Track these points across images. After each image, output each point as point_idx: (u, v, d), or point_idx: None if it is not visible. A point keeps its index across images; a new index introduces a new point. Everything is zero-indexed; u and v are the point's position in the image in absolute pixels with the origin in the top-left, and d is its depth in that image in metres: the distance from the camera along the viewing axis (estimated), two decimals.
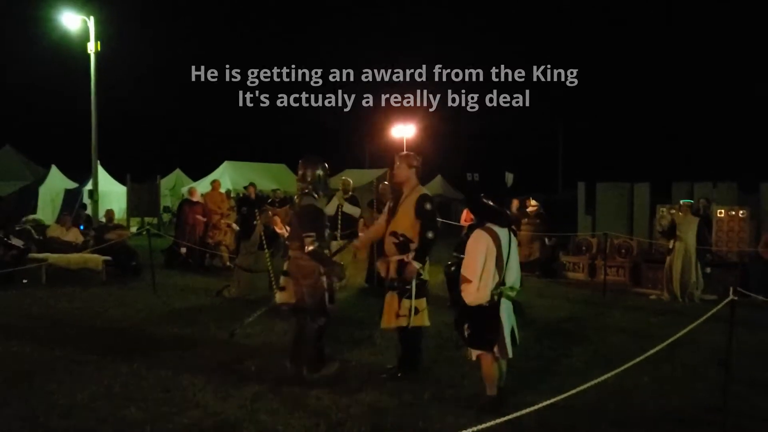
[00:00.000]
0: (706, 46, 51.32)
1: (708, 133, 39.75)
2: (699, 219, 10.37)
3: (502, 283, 4.75)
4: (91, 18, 18.62)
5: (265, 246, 9.40)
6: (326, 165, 5.79)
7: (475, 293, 4.71)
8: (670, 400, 5.19)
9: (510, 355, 4.80)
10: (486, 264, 4.70)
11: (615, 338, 7.22)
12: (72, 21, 18.65)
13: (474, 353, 4.87)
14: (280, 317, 7.40)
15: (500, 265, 4.73)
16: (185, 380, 5.39)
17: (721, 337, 5.37)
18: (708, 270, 10.35)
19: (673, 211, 11.24)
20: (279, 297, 5.74)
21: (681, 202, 10.70)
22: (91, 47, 18.56)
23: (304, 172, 5.65)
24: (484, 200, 4.93)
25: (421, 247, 5.37)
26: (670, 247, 10.27)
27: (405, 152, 5.83)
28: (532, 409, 4.10)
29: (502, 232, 4.80)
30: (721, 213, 11.80)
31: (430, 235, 5.36)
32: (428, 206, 5.42)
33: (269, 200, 15.29)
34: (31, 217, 13.63)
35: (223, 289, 9.53)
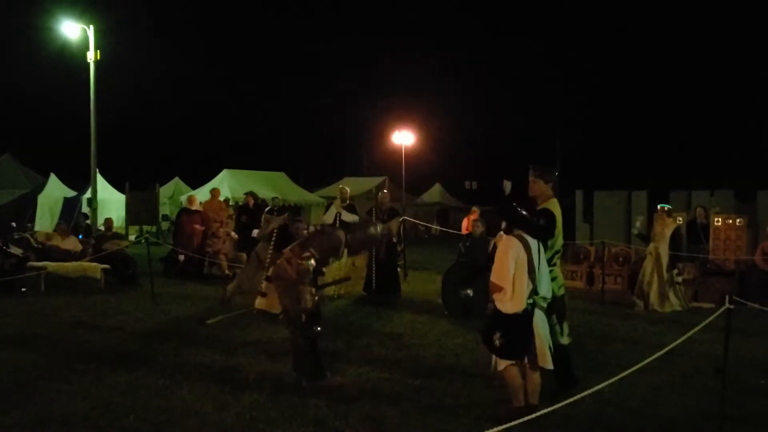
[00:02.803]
0: (704, 55, 51.57)
1: (705, 141, 39.89)
2: (675, 226, 10.33)
3: (535, 291, 4.69)
4: (91, 27, 18.69)
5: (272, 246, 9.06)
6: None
7: (509, 301, 4.65)
8: (667, 407, 5.21)
9: (549, 366, 4.70)
10: (518, 271, 4.64)
11: (613, 346, 7.24)
12: (72, 30, 18.72)
13: (503, 363, 4.75)
14: (279, 325, 7.42)
15: (532, 273, 4.68)
16: (184, 389, 5.40)
17: (718, 345, 5.41)
18: (680, 279, 10.16)
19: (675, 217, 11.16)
20: (258, 302, 5.68)
21: (658, 206, 10.60)
22: (91, 56, 18.62)
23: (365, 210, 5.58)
24: (518, 209, 4.86)
25: None
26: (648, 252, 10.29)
27: (538, 165, 5.67)
28: (530, 417, 4.13)
29: (533, 241, 4.77)
30: (718, 221, 11.82)
31: None
32: (541, 222, 5.22)
33: (268, 208, 15.32)
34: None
35: (225, 294, 9.39)
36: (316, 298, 5.49)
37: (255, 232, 9.67)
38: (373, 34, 69.12)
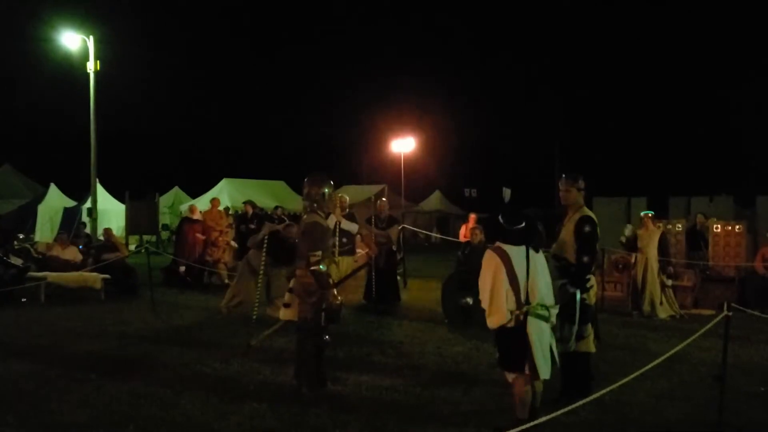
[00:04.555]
0: (704, 60, 51.79)
1: (705, 147, 39.98)
2: (661, 231, 10.34)
3: (526, 302, 4.56)
4: (91, 37, 18.82)
5: (264, 252, 8.97)
6: (331, 182, 5.69)
7: (489, 316, 4.62)
8: (666, 415, 5.20)
9: (544, 376, 4.58)
10: (495, 285, 4.56)
11: (612, 354, 7.23)
12: (72, 40, 18.84)
13: (509, 376, 4.70)
14: (278, 335, 7.42)
15: (515, 284, 4.54)
16: (184, 399, 5.40)
17: (717, 352, 5.41)
18: (670, 283, 10.20)
19: (662, 224, 11.19)
20: (283, 314, 5.73)
21: (641, 213, 10.59)
22: (91, 66, 18.73)
23: (309, 191, 5.56)
24: (498, 220, 4.76)
25: (576, 271, 5.11)
26: (632, 261, 10.31)
27: (571, 173, 5.61)
28: (530, 424, 4.14)
29: (515, 250, 4.62)
30: (717, 227, 11.85)
31: (585, 259, 5.15)
32: (587, 228, 5.20)
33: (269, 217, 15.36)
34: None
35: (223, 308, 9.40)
36: (339, 297, 5.53)
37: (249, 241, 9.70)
38: (372, 42, 69.38)
